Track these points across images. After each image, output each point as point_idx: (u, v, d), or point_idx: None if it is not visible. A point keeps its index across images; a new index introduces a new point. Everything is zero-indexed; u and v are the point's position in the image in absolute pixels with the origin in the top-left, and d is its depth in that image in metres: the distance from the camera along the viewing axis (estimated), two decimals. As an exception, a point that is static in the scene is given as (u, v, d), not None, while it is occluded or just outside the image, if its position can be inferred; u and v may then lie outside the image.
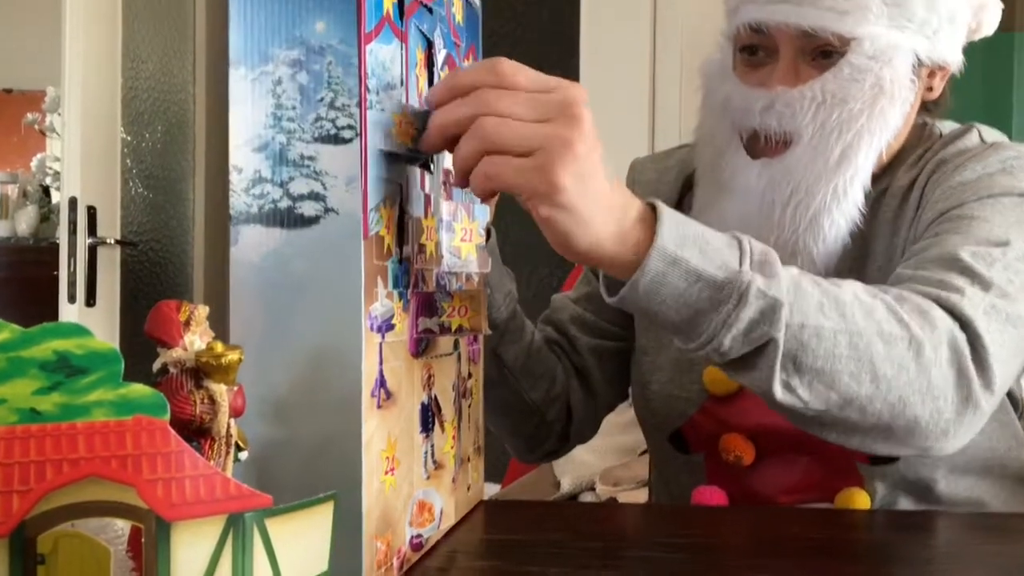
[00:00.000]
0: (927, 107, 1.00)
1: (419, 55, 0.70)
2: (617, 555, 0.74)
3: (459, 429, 0.80)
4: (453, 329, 0.71)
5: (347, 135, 0.60)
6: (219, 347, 0.52)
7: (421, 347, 0.70)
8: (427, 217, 0.71)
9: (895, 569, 0.72)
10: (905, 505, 0.95)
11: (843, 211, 0.91)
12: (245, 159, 0.61)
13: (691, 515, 0.93)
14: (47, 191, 4.04)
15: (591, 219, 0.65)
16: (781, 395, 0.72)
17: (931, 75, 0.96)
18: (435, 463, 0.74)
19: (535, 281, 2.86)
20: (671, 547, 0.76)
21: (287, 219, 0.60)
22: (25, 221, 3.90)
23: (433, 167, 0.73)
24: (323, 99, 0.60)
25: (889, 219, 0.96)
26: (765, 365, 0.71)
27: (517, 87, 0.64)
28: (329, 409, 0.59)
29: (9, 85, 4.72)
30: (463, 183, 0.66)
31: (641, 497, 1.83)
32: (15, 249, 3.89)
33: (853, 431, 0.76)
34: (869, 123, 0.90)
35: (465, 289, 0.76)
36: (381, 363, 0.62)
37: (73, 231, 2.38)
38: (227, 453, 0.53)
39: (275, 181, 0.60)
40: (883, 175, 0.98)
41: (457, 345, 0.79)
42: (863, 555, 0.78)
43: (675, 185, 1.08)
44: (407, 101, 0.67)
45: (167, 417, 0.42)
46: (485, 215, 0.77)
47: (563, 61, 2.94)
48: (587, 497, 1.97)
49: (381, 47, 0.62)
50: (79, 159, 2.37)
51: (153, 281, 2.79)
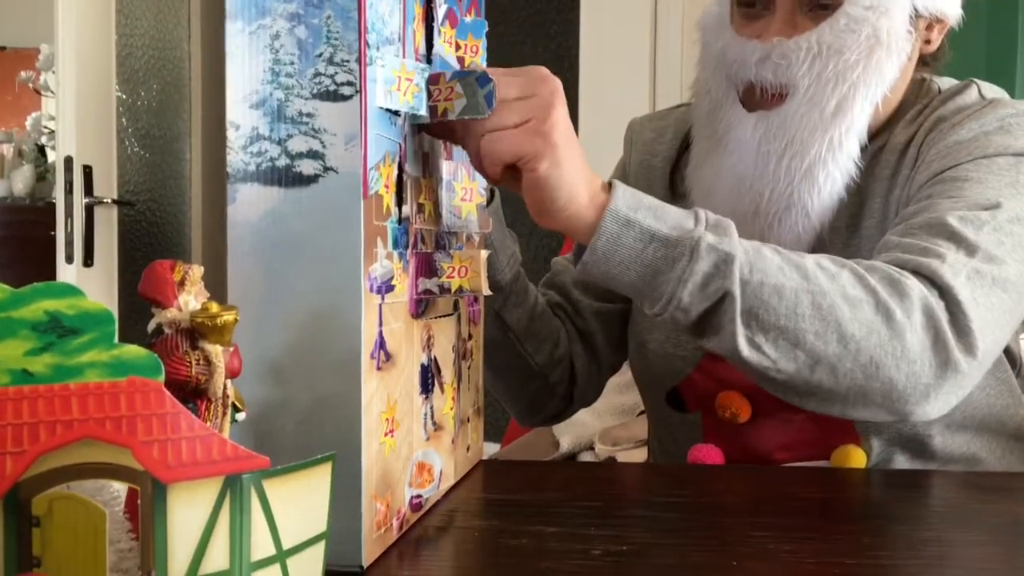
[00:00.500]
0: (925, 60, 0.99)
1: (417, 9, 0.68)
2: (615, 514, 0.74)
3: (459, 390, 0.79)
4: (453, 290, 0.70)
5: (347, 92, 0.58)
6: (214, 307, 0.51)
7: (421, 308, 0.69)
8: (426, 176, 0.70)
9: (891, 527, 0.72)
10: (901, 461, 0.96)
11: (838, 163, 0.91)
12: (242, 116, 0.59)
13: (689, 474, 0.94)
14: (43, 150, 4.00)
15: (573, 180, 0.71)
16: (747, 352, 0.74)
17: (929, 28, 0.95)
18: (435, 424, 0.73)
19: (534, 243, 2.85)
20: (669, 506, 0.76)
21: (285, 178, 0.59)
22: (21, 181, 3.87)
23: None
24: (322, 54, 0.58)
25: (886, 176, 0.95)
26: (726, 320, 0.73)
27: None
28: (328, 370, 0.59)
29: (2, 43, 4.67)
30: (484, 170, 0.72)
31: (639, 457, 1.84)
32: (12, 209, 3.87)
33: (831, 398, 0.77)
34: (865, 74, 0.89)
35: (465, 249, 0.75)
36: (381, 324, 0.61)
37: (69, 191, 2.36)
38: (224, 414, 0.53)
39: (273, 139, 0.59)
40: (881, 131, 0.97)
41: (457, 306, 0.78)
42: (859, 514, 0.78)
43: (673, 143, 1.08)
44: (404, 56, 0.65)
45: (162, 378, 0.42)
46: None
47: (562, 16, 2.90)
48: (586, 457, 1.98)
49: (381, 1, 0.61)
50: (74, 118, 2.35)
51: (150, 241, 2.78)
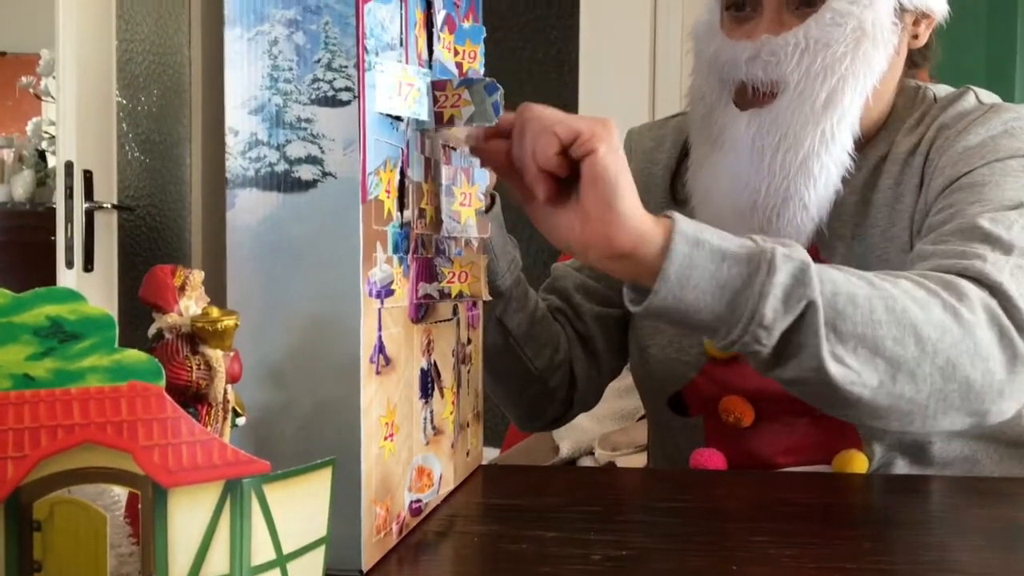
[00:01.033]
0: (914, 60, 1.00)
1: (418, 14, 0.69)
2: (615, 519, 0.74)
3: (458, 395, 0.80)
4: (453, 295, 0.70)
5: (345, 97, 0.59)
6: (215, 312, 0.51)
7: (421, 313, 0.69)
8: (427, 181, 0.70)
9: (891, 532, 0.72)
10: (901, 466, 0.96)
11: (832, 155, 0.92)
12: (241, 121, 0.60)
13: (689, 479, 0.94)
14: (43, 155, 4.01)
15: (631, 182, 0.71)
16: (833, 367, 0.71)
17: (916, 23, 0.97)
18: (434, 428, 0.73)
19: (533, 247, 2.85)
20: (669, 511, 0.76)
21: (284, 183, 0.59)
22: (21, 186, 3.87)
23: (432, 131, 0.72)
24: (320, 60, 0.59)
25: (891, 185, 0.96)
26: (810, 335, 0.71)
27: None
28: (327, 375, 0.59)
29: (3, 48, 4.67)
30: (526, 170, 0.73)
31: (639, 462, 1.84)
32: (12, 214, 3.87)
33: (913, 409, 0.75)
34: (853, 66, 0.90)
35: (465, 254, 0.75)
36: (380, 329, 0.61)
37: (70, 196, 2.36)
38: (224, 419, 0.53)
39: (272, 144, 0.59)
40: (881, 140, 0.98)
41: (456, 311, 0.78)
42: (859, 518, 0.78)
43: (672, 151, 1.09)
44: (407, 63, 0.65)
45: (163, 383, 0.42)
46: (485, 179, 0.76)
47: (562, 21, 2.91)
48: (586, 462, 1.98)
49: (380, 6, 0.61)
50: (75, 123, 2.35)
51: (151, 246, 2.78)
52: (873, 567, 0.62)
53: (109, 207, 2.46)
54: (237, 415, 0.55)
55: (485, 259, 0.72)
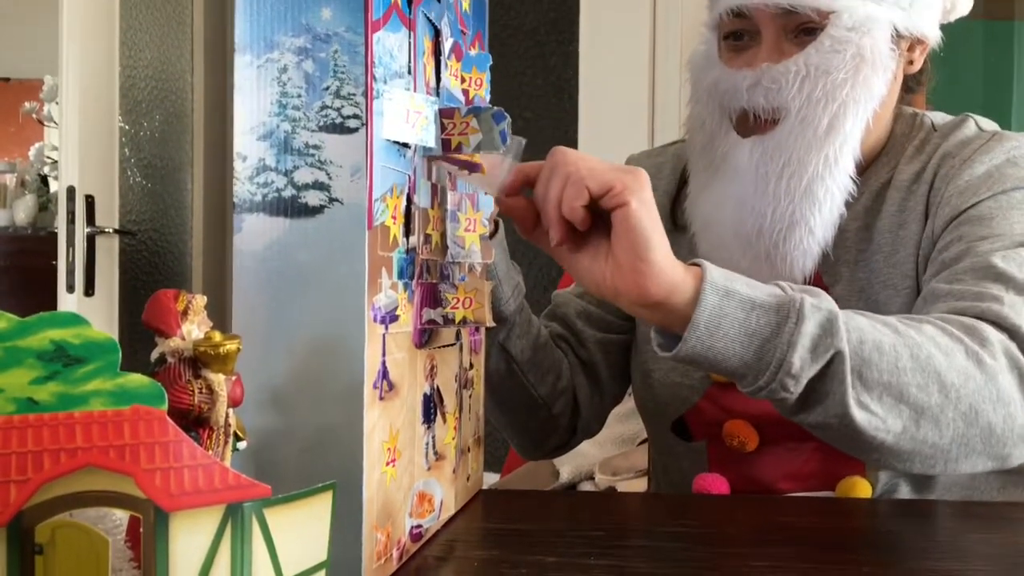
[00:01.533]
0: (909, 83, 1.01)
1: (426, 43, 0.69)
2: (616, 544, 0.73)
3: (460, 419, 0.79)
4: (457, 321, 0.71)
5: (353, 124, 0.59)
6: (217, 336, 0.52)
7: (424, 338, 0.69)
8: (434, 207, 0.71)
9: (891, 557, 0.72)
10: (905, 491, 0.96)
11: (835, 179, 0.93)
12: (249, 147, 0.60)
13: (690, 504, 0.93)
14: (45, 180, 4.02)
15: (663, 232, 0.72)
16: (858, 414, 0.73)
17: (911, 48, 0.98)
18: (436, 454, 0.73)
19: (534, 273, 2.86)
20: (670, 536, 0.76)
21: (291, 208, 0.59)
22: (23, 210, 3.88)
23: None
24: (329, 87, 0.59)
25: (894, 212, 0.97)
26: (836, 384, 0.72)
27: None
28: (331, 400, 0.59)
29: (7, 74, 4.70)
30: (555, 221, 0.73)
31: (640, 487, 1.83)
32: (13, 239, 3.87)
33: (935, 453, 0.76)
34: (854, 92, 0.92)
35: (469, 280, 0.75)
36: (384, 354, 0.61)
37: (71, 220, 2.37)
38: (225, 443, 0.53)
39: (279, 170, 0.60)
40: (882, 166, 0.99)
41: (459, 336, 0.78)
42: (859, 543, 0.78)
43: (672, 179, 1.09)
44: (415, 90, 0.66)
45: (165, 407, 0.42)
46: (490, 206, 0.76)
47: (562, 48, 2.93)
48: (586, 486, 1.97)
49: (389, 35, 0.61)
50: (77, 148, 2.36)
51: (152, 270, 2.78)
52: (877, 596, 0.62)
53: (111, 232, 2.46)
54: (238, 439, 0.55)
55: (489, 285, 0.72)
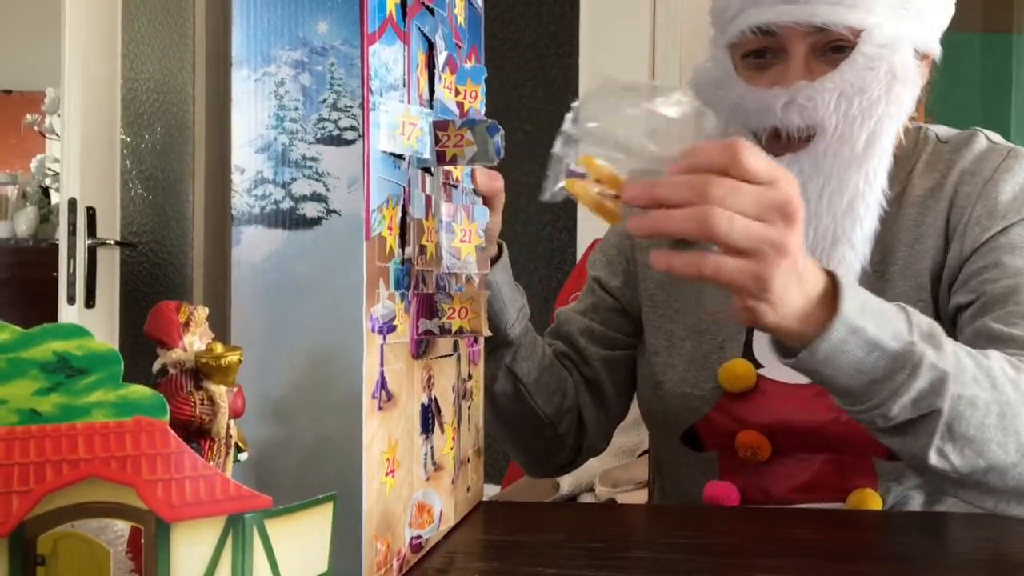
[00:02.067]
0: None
1: (420, 56, 0.70)
2: (616, 555, 0.73)
3: (459, 430, 0.80)
4: (454, 331, 0.71)
5: (350, 136, 0.60)
6: (219, 348, 0.52)
7: (421, 348, 0.70)
8: (428, 218, 0.71)
9: (895, 569, 0.72)
10: (916, 503, 0.96)
11: (875, 194, 0.94)
12: (247, 160, 0.61)
13: (691, 515, 0.93)
14: (47, 192, 4.03)
15: (785, 305, 0.70)
16: (935, 460, 0.76)
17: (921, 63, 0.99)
18: (435, 464, 0.73)
19: (534, 283, 2.86)
20: (671, 547, 0.76)
21: (289, 220, 0.60)
22: (25, 222, 3.89)
23: (433, 169, 0.73)
24: (326, 100, 0.60)
25: (910, 226, 0.97)
26: (925, 432, 0.75)
27: (747, 177, 0.66)
28: (330, 410, 0.59)
29: (8, 86, 4.72)
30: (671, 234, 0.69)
31: (640, 498, 1.83)
32: (15, 250, 3.88)
33: (989, 494, 0.80)
34: (888, 108, 0.92)
35: (465, 291, 0.76)
36: (382, 365, 0.62)
37: (73, 232, 2.37)
38: (227, 454, 0.53)
39: (277, 182, 0.60)
40: (892, 179, 0.99)
41: (457, 346, 0.79)
42: (863, 555, 0.78)
43: None
44: (409, 103, 0.66)
45: (167, 418, 0.42)
46: (485, 217, 0.77)
47: (561, 60, 2.94)
48: (586, 498, 1.97)
49: (384, 48, 0.62)
50: (79, 160, 2.37)
51: (152, 282, 2.78)
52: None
53: (112, 243, 2.47)
54: (239, 450, 0.55)
55: (485, 295, 0.73)
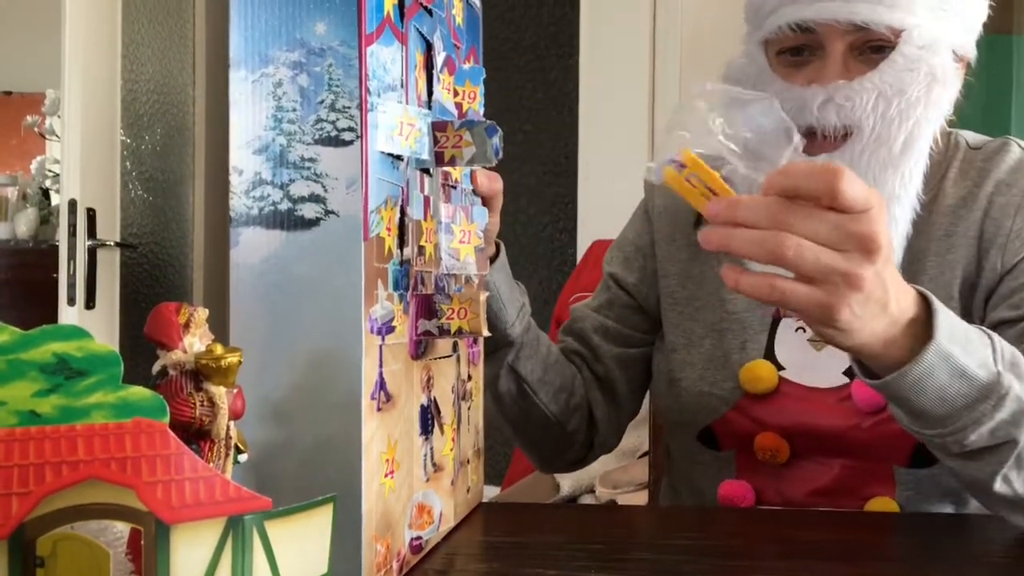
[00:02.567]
0: None
1: (418, 57, 0.70)
2: (616, 557, 0.74)
3: (458, 431, 0.80)
4: (452, 331, 0.71)
5: (348, 137, 0.60)
6: (219, 349, 0.52)
7: (420, 349, 0.70)
8: (426, 219, 0.71)
9: (894, 572, 0.72)
10: (933, 507, 0.96)
11: (909, 196, 0.93)
12: (245, 161, 0.61)
13: (693, 517, 0.93)
14: (47, 193, 4.03)
15: (860, 331, 0.68)
16: (999, 487, 0.76)
17: (958, 63, 0.97)
18: (435, 465, 0.74)
19: (534, 284, 2.86)
20: (672, 548, 0.76)
21: (287, 221, 0.60)
22: (25, 223, 3.89)
23: (432, 170, 0.73)
24: (324, 101, 0.60)
25: (941, 236, 0.97)
26: (995, 460, 0.75)
27: (843, 207, 0.64)
28: (329, 411, 0.59)
29: (9, 87, 4.72)
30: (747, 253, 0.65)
31: (640, 500, 1.83)
32: (15, 251, 3.88)
33: None
34: (927, 111, 0.91)
35: (464, 291, 0.76)
36: (381, 365, 0.62)
37: (73, 233, 2.37)
38: (226, 455, 0.53)
39: (275, 183, 0.60)
40: (923, 187, 0.97)
41: (456, 347, 0.79)
42: (866, 556, 0.78)
43: None
44: (407, 103, 0.67)
45: (167, 419, 0.42)
46: (484, 218, 0.77)
47: (562, 62, 2.94)
48: (586, 499, 1.97)
49: (382, 49, 0.62)
50: (79, 161, 2.37)
51: (153, 283, 2.79)
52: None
53: (112, 245, 2.47)
54: (239, 452, 0.55)
55: (484, 295, 0.73)
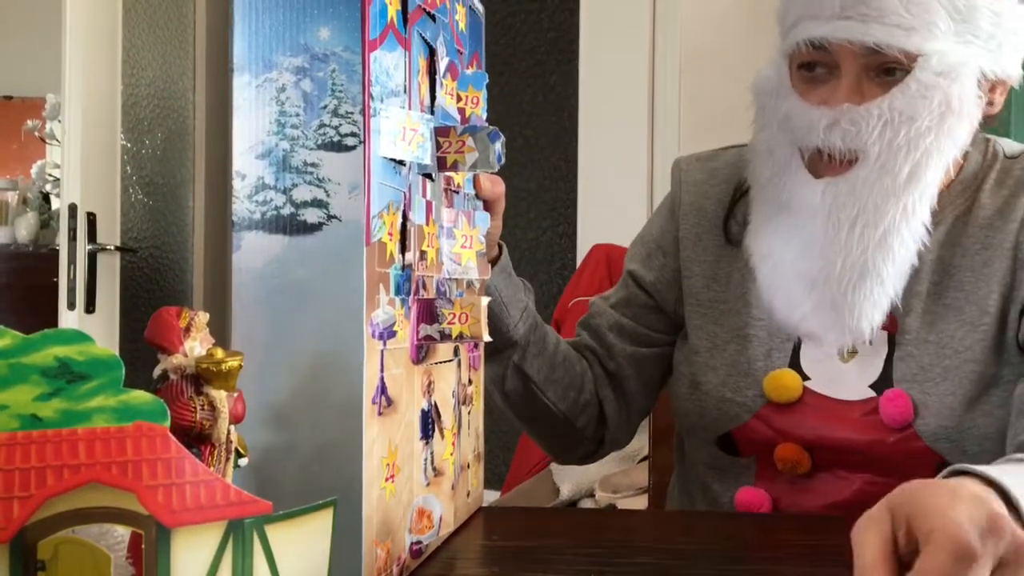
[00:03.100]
0: (986, 122, 0.97)
1: (421, 62, 0.70)
2: (616, 561, 0.73)
3: (459, 436, 0.80)
4: (454, 336, 0.71)
5: (350, 142, 0.60)
6: (219, 353, 0.52)
7: (421, 354, 0.70)
8: (429, 224, 0.71)
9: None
10: None
11: (912, 230, 0.90)
12: (248, 165, 0.61)
13: (692, 521, 0.93)
14: (47, 198, 4.03)
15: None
16: None
17: (992, 89, 0.94)
18: (435, 470, 0.73)
19: (536, 285, 2.86)
20: (671, 553, 0.76)
21: (290, 226, 0.60)
22: (25, 228, 3.89)
23: (434, 175, 0.73)
24: (327, 106, 0.60)
25: (978, 249, 0.94)
26: None
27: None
28: (330, 416, 0.59)
29: (9, 92, 4.72)
30: None
31: (640, 504, 1.83)
32: (15, 256, 3.88)
33: None
34: (937, 141, 0.88)
35: (466, 296, 0.76)
36: (382, 370, 0.62)
37: (73, 238, 2.37)
38: (227, 459, 0.53)
39: (278, 188, 0.60)
40: (958, 196, 0.96)
41: (457, 352, 0.79)
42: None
43: (726, 188, 1.06)
44: (410, 108, 0.67)
45: (167, 423, 0.42)
46: (485, 223, 0.77)
47: (562, 67, 2.95)
48: (586, 504, 1.97)
49: (385, 54, 0.62)
50: (79, 166, 2.38)
51: (153, 288, 2.79)
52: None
53: (112, 249, 2.47)
54: (240, 455, 0.55)
55: (486, 300, 0.73)
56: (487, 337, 0.73)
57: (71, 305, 2.39)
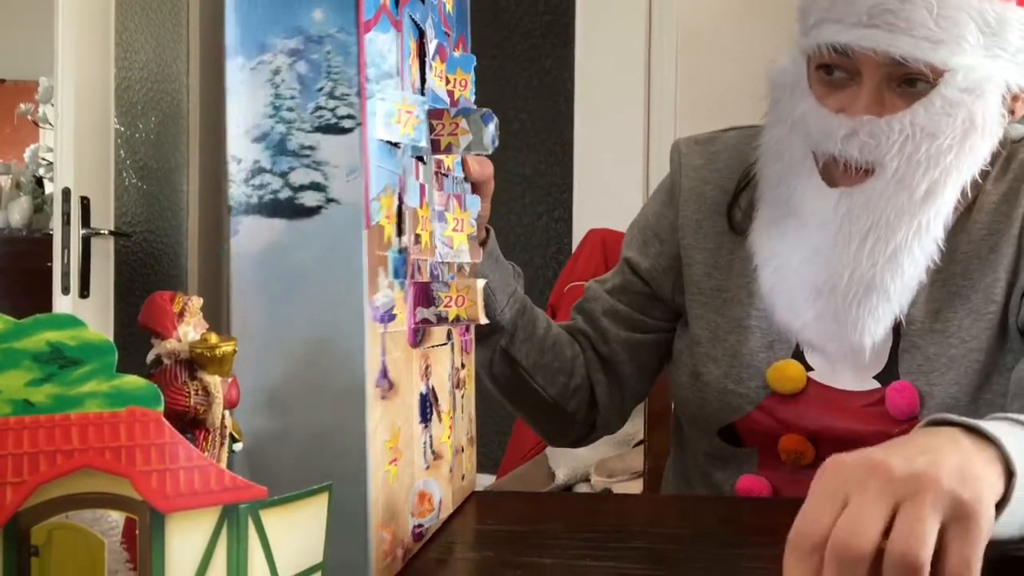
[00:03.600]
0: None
1: (412, 45, 0.69)
2: (612, 545, 0.73)
3: (454, 419, 0.80)
4: (451, 319, 0.71)
5: (347, 125, 0.59)
6: (213, 338, 0.52)
7: (418, 337, 0.70)
8: (423, 207, 0.71)
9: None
10: None
11: (923, 247, 0.88)
12: (244, 149, 0.60)
13: (688, 505, 0.93)
14: (40, 182, 4.02)
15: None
16: None
17: (1015, 99, 0.91)
18: (434, 453, 0.73)
19: (529, 273, 2.86)
20: (667, 537, 0.76)
21: (288, 209, 0.60)
22: (18, 212, 3.88)
23: (427, 157, 0.72)
24: (322, 88, 0.59)
25: (984, 235, 0.92)
26: None
27: None
28: (331, 400, 0.59)
29: (2, 75, 4.70)
30: None
31: (635, 488, 1.83)
32: (8, 240, 3.87)
33: None
34: (958, 159, 0.86)
35: (460, 279, 0.75)
36: (384, 353, 0.62)
37: (67, 222, 2.37)
38: (221, 444, 0.53)
39: (275, 171, 0.60)
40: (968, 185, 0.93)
41: (450, 335, 0.79)
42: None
43: (728, 174, 1.04)
44: (403, 90, 0.66)
45: (161, 408, 0.42)
46: (476, 206, 0.77)
47: (557, 50, 2.93)
48: (582, 488, 1.98)
49: (379, 36, 0.62)
50: (72, 150, 2.36)
51: (147, 272, 2.78)
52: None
53: (106, 233, 2.46)
54: (234, 441, 0.55)
55: (481, 283, 0.72)
56: (483, 319, 0.72)
57: (65, 290, 2.38)
